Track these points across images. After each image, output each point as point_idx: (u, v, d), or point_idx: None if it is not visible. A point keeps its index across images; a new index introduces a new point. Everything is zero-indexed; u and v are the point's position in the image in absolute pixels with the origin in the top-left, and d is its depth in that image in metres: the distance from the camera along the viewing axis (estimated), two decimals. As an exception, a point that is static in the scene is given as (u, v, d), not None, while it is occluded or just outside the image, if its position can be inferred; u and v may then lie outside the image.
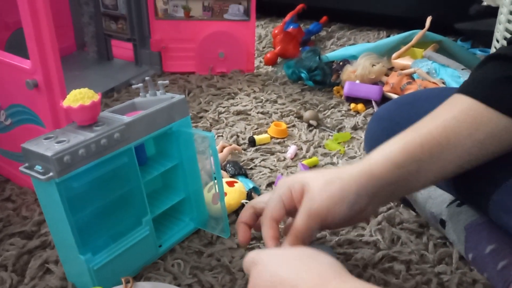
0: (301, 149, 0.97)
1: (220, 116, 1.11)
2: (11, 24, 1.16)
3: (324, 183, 0.50)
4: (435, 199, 0.66)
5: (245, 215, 0.58)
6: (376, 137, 0.77)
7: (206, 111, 1.14)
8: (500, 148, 0.51)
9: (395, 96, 1.13)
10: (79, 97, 0.55)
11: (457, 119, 0.50)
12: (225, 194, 0.74)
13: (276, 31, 1.56)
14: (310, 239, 0.51)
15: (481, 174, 0.55)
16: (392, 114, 0.75)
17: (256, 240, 0.70)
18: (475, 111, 0.50)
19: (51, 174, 0.51)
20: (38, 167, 0.52)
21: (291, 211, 0.53)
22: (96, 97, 0.57)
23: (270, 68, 1.42)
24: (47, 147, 0.52)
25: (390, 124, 0.75)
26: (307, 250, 0.45)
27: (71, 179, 0.54)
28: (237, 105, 1.16)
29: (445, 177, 0.52)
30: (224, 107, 1.15)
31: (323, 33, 1.76)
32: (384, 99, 1.15)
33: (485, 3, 1.36)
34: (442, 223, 0.66)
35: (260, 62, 1.46)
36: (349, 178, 0.50)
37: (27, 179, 0.80)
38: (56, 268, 0.65)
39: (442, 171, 0.51)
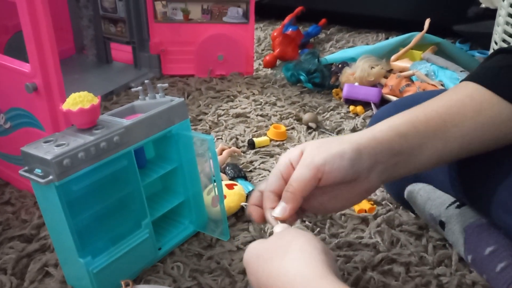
0: (300, 151, 0.97)
1: (219, 118, 1.11)
2: (10, 27, 1.16)
3: (321, 143, 0.50)
4: (434, 200, 0.67)
5: (253, 198, 0.56)
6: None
7: (206, 113, 1.14)
8: (502, 136, 0.51)
9: (394, 98, 1.13)
10: (79, 100, 0.56)
11: (462, 101, 0.51)
12: (225, 196, 0.74)
13: (275, 34, 1.56)
14: (306, 195, 0.49)
15: (482, 174, 0.55)
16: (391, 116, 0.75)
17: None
18: (479, 96, 0.51)
19: (50, 177, 0.51)
20: (37, 171, 0.52)
21: None
22: (96, 100, 0.57)
23: (269, 71, 1.42)
24: (46, 150, 0.52)
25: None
26: (283, 247, 0.43)
27: (71, 182, 0.54)
28: (237, 107, 1.16)
29: (448, 157, 0.52)
30: (223, 110, 1.15)
31: (322, 36, 1.76)
32: (383, 101, 1.15)
33: (483, 5, 1.36)
34: (442, 224, 0.66)
35: (259, 64, 1.47)
36: (349, 139, 0.49)
37: (26, 182, 0.80)
38: (55, 272, 0.65)
39: (445, 150, 0.50)
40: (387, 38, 1.70)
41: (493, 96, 0.50)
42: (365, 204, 0.78)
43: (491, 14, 1.27)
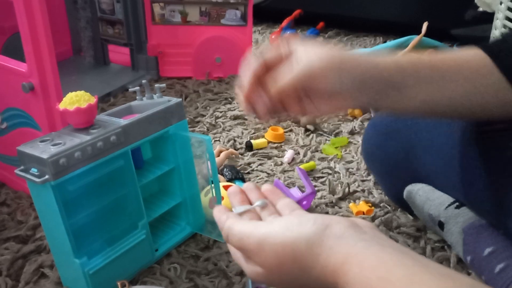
0: (298, 153, 0.96)
1: (217, 120, 1.11)
2: (7, 28, 1.15)
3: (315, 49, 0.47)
4: (434, 200, 0.66)
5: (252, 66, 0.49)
6: (373, 143, 0.77)
7: (203, 115, 1.13)
8: (493, 107, 0.50)
9: (391, 101, 1.13)
10: (76, 100, 0.55)
11: (462, 59, 0.50)
12: (222, 198, 0.74)
13: (273, 37, 1.56)
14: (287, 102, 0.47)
15: (483, 176, 0.55)
16: (389, 120, 0.75)
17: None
18: (479, 60, 0.50)
19: (46, 176, 0.51)
20: (33, 170, 0.52)
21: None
22: (93, 100, 0.57)
23: (267, 73, 1.42)
24: (42, 149, 0.52)
25: (387, 130, 0.75)
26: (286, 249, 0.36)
27: (67, 182, 0.53)
28: (234, 109, 1.16)
29: (431, 108, 0.50)
30: (221, 112, 1.15)
31: (320, 39, 1.77)
32: (381, 104, 1.15)
33: (481, 9, 1.37)
34: (441, 225, 0.66)
35: (257, 67, 1.46)
36: (339, 51, 0.47)
37: (22, 183, 0.80)
38: (51, 273, 0.64)
39: (427, 97, 0.49)
40: (384, 42, 1.70)
41: (493, 66, 0.49)
42: (363, 206, 0.78)
43: (488, 17, 1.27)
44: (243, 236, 0.38)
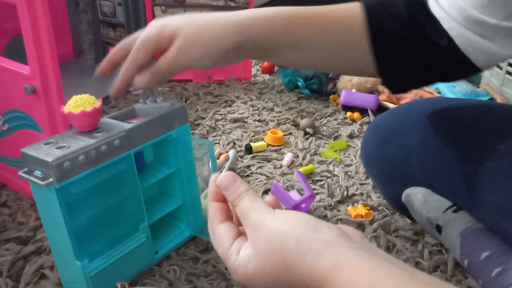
0: (298, 156, 0.97)
1: (217, 123, 1.12)
2: (8, 31, 1.16)
3: (199, 34, 0.53)
4: (432, 204, 0.67)
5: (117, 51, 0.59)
6: (372, 147, 0.78)
7: (203, 118, 1.14)
8: (351, 68, 0.58)
9: (391, 105, 1.14)
10: (80, 103, 0.56)
11: (336, 23, 0.54)
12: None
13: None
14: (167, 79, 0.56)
15: (481, 178, 0.56)
16: (388, 124, 0.76)
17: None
18: (354, 22, 0.54)
19: (50, 179, 0.51)
20: (37, 172, 0.52)
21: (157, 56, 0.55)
22: (97, 103, 0.57)
23: (267, 77, 1.43)
24: (47, 152, 0.52)
25: (386, 133, 0.76)
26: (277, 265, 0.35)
27: (71, 185, 0.54)
28: (234, 112, 1.17)
29: (299, 67, 0.59)
30: (221, 115, 1.15)
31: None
32: (380, 108, 1.16)
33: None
34: (438, 228, 0.66)
35: (257, 70, 1.47)
36: (226, 27, 0.53)
37: (23, 184, 0.80)
38: (51, 274, 0.64)
39: (296, 61, 0.57)
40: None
41: (364, 32, 0.53)
42: (361, 210, 0.78)
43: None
44: (250, 208, 0.38)
